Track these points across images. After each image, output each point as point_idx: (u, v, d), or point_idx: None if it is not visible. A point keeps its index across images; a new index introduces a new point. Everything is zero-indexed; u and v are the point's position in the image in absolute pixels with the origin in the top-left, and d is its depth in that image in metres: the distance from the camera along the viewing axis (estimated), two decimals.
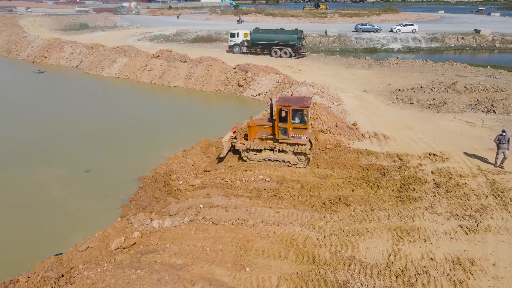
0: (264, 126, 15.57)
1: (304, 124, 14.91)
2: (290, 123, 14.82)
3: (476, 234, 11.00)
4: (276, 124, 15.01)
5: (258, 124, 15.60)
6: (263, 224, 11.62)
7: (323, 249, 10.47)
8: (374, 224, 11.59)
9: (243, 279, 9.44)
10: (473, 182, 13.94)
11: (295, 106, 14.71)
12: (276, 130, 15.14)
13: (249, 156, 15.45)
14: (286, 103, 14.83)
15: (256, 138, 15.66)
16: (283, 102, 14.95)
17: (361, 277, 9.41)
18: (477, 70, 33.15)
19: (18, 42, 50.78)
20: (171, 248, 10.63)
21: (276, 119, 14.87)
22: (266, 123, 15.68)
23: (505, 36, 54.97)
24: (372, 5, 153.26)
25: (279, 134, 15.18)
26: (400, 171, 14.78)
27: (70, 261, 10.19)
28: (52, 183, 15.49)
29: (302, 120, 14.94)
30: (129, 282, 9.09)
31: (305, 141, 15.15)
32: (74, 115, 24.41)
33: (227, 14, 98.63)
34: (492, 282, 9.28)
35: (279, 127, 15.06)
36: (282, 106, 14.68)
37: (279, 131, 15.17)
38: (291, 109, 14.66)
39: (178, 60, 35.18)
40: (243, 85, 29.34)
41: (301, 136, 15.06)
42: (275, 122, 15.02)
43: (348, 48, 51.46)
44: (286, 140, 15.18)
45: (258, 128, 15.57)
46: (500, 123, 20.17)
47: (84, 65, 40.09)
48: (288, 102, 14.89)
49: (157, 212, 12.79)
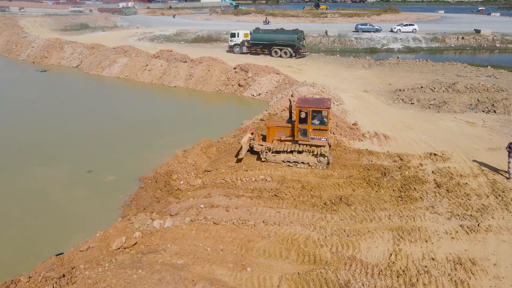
0: (283, 128, 15.44)
1: (324, 126, 14.85)
2: (310, 124, 14.75)
3: (477, 234, 11.00)
4: (296, 125, 14.91)
5: (277, 126, 15.48)
6: (264, 224, 11.62)
7: (324, 249, 10.48)
8: (375, 224, 11.59)
9: (244, 279, 9.44)
10: (474, 182, 13.94)
11: (316, 107, 14.66)
12: (296, 132, 15.04)
13: (268, 157, 15.27)
14: (306, 104, 14.75)
15: (275, 139, 15.54)
16: (303, 103, 14.86)
17: (362, 277, 9.41)
18: (477, 70, 33.14)
19: (19, 42, 50.79)
20: (172, 248, 10.64)
21: (296, 120, 14.77)
22: (284, 124, 15.56)
23: (505, 36, 54.95)
24: (372, 5, 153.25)
25: (299, 136, 15.09)
26: (401, 171, 14.78)
27: (71, 261, 10.20)
28: (52, 183, 15.50)
29: (322, 122, 14.90)
30: (130, 282, 9.09)
31: (325, 142, 15.09)
32: (74, 115, 24.42)
33: (227, 14, 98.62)
34: (493, 282, 9.28)
35: (299, 129, 14.98)
36: (302, 107, 14.60)
37: (299, 133, 15.08)
38: (311, 110, 14.58)
39: (178, 60, 35.19)
40: (243, 85, 29.35)
41: (320, 137, 14.98)
42: (295, 123, 14.90)
43: (349, 48, 51.46)
44: (305, 141, 15.08)
45: (276, 129, 15.45)
46: (500, 123, 20.17)
47: (85, 65, 40.10)
48: (308, 103, 14.81)
49: (158, 212, 12.80)
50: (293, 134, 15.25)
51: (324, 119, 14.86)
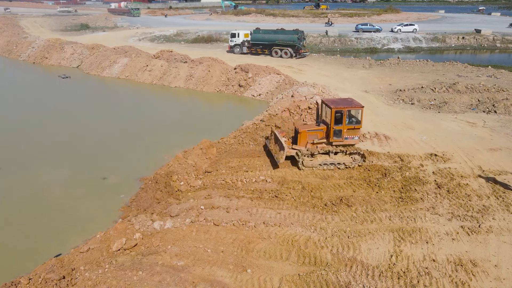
0: (314, 131, 15.43)
1: (358, 124, 15.03)
2: (345, 124, 14.86)
3: (478, 235, 10.97)
4: (331, 126, 14.94)
5: (309, 129, 15.46)
6: (265, 225, 11.60)
7: (324, 250, 10.46)
8: (376, 225, 11.57)
9: (245, 280, 9.43)
10: (475, 183, 13.91)
11: (351, 107, 14.82)
12: (331, 133, 15.07)
13: (305, 162, 15.11)
14: (341, 105, 14.83)
15: (308, 143, 15.51)
16: (337, 104, 14.92)
17: (363, 279, 9.39)
18: (478, 70, 33.10)
19: (19, 42, 50.81)
20: (173, 249, 10.62)
21: (332, 121, 14.82)
22: (315, 127, 15.55)
23: (505, 36, 54.89)
24: (372, 5, 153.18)
25: (333, 137, 15.14)
26: (402, 172, 14.76)
27: (71, 262, 10.18)
28: (53, 184, 15.49)
29: (356, 121, 15.05)
30: (131, 283, 9.08)
31: (357, 141, 15.34)
32: (74, 116, 24.41)
33: (228, 14, 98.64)
34: (494, 283, 9.25)
35: (334, 130, 15.02)
36: (338, 108, 14.65)
37: (334, 134, 15.11)
38: (346, 110, 14.69)
39: (178, 60, 35.17)
40: (243, 86, 29.33)
41: (353, 136, 15.19)
42: (330, 125, 14.92)
43: (349, 48, 51.42)
44: (339, 142, 15.15)
45: (308, 133, 15.43)
46: (501, 123, 20.14)
47: (85, 65, 40.11)
48: (341, 104, 14.90)
49: (158, 213, 12.78)
50: (327, 135, 15.28)
51: (359, 118, 15.02)
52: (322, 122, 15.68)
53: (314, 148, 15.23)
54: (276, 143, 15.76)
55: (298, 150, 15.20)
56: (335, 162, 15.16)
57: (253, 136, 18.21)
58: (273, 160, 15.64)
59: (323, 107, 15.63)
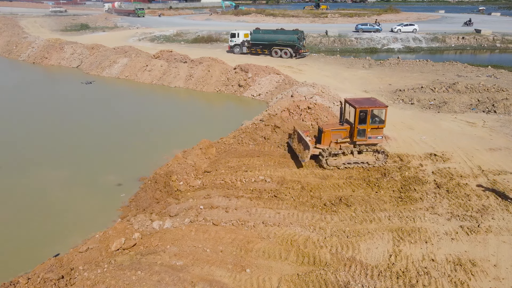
0: (338, 130, 15.51)
1: (382, 124, 15.10)
2: (369, 124, 14.94)
3: (477, 235, 10.97)
4: (355, 126, 15.02)
5: (333, 129, 15.55)
6: (264, 225, 11.60)
7: (323, 250, 10.45)
8: (375, 225, 11.57)
9: (244, 280, 9.42)
10: (474, 183, 13.91)
11: (375, 107, 14.91)
12: (355, 133, 15.13)
13: (329, 162, 15.20)
14: (365, 105, 14.92)
15: (332, 142, 15.57)
16: (361, 104, 15.00)
17: (362, 278, 9.39)
18: (477, 70, 33.10)
19: (19, 42, 50.79)
20: (172, 249, 10.61)
21: (356, 121, 14.91)
22: (339, 126, 15.63)
23: (505, 36, 54.87)
24: (372, 5, 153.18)
25: (357, 136, 15.20)
26: (401, 172, 14.76)
27: (70, 262, 10.17)
28: (52, 184, 15.48)
29: (380, 120, 15.13)
30: (130, 283, 9.07)
31: (381, 140, 15.36)
32: (74, 116, 24.41)
33: (228, 14, 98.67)
34: (494, 283, 9.25)
35: (358, 129, 15.08)
36: (362, 108, 14.74)
37: (357, 133, 15.18)
38: (370, 110, 14.77)
39: (178, 60, 35.17)
40: (243, 86, 29.33)
41: (377, 136, 15.25)
42: (355, 124, 14.99)
43: (349, 48, 51.42)
44: (363, 141, 15.23)
45: (332, 132, 15.51)
46: (501, 123, 20.14)
47: (85, 65, 40.10)
48: (365, 104, 15.00)
49: (158, 213, 12.78)
50: (351, 135, 15.34)
51: (382, 117, 15.10)
52: (346, 122, 15.77)
53: (338, 147, 15.39)
54: (300, 142, 15.82)
55: (322, 150, 15.30)
56: (359, 161, 15.28)
57: (252, 136, 18.19)
58: (296, 159, 15.72)
59: (347, 107, 15.72)
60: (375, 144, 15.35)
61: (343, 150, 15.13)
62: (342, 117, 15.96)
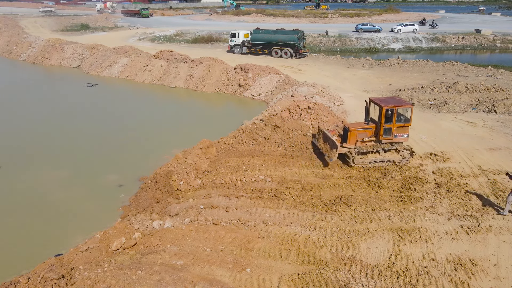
0: (364, 129, 15.60)
1: (408, 122, 15.24)
2: (395, 122, 15.06)
3: (477, 235, 10.97)
4: (381, 125, 15.12)
5: (359, 128, 15.64)
6: (264, 225, 11.60)
7: (324, 249, 10.46)
8: (375, 224, 11.57)
9: (244, 279, 9.42)
10: (474, 182, 13.91)
11: (401, 105, 15.06)
12: (381, 131, 15.23)
13: (356, 160, 15.29)
14: (390, 103, 15.05)
15: (358, 141, 15.64)
16: (387, 103, 15.13)
17: (362, 278, 9.39)
18: (478, 70, 33.08)
19: (19, 42, 50.80)
20: (172, 248, 10.62)
21: (382, 120, 15.03)
22: (365, 125, 15.73)
23: (506, 36, 54.86)
24: (372, 5, 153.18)
25: (383, 135, 15.31)
26: (401, 171, 14.77)
27: (70, 261, 10.18)
28: (52, 184, 15.50)
29: (405, 119, 15.27)
30: (130, 283, 9.07)
31: (407, 138, 15.48)
32: (75, 116, 24.42)
33: (228, 14, 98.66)
34: (494, 282, 9.25)
35: (384, 128, 15.17)
36: (388, 106, 14.86)
37: (384, 132, 15.28)
38: (397, 108, 14.88)
39: (178, 60, 35.17)
40: (243, 86, 29.33)
41: (402, 134, 15.39)
42: (381, 123, 15.10)
43: (349, 48, 51.41)
44: (389, 139, 15.36)
45: (358, 131, 15.59)
46: (501, 123, 20.13)
47: (85, 65, 40.11)
48: (391, 103, 15.13)
49: (158, 213, 12.78)
50: (377, 134, 15.45)
51: (408, 116, 15.24)
52: (371, 121, 15.84)
53: (364, 145, 15.47)
54: (326, 141, 15.88)
55: (349, 149, 15.41)
56: (385, 160, 15.37)
57: (252, 136, 18.20)
58: (322, 158, 15.79)
59: (371, 106, 15.82)
60: (401, 142, 15.50)
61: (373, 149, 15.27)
62: (367, 116, 16.06)
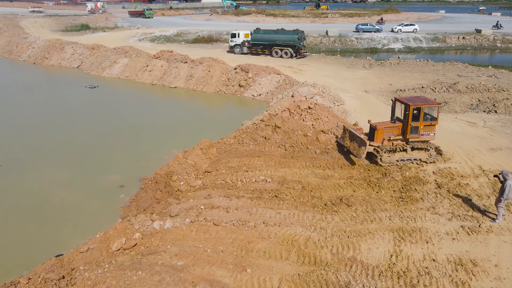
0: (391, 128, 15.73)
1: (435, 121, 15.35)
2: (422, 121, 15.19)
3: (478, 235, 10.95)
4: (409, 123, 15.23)
5: (386, 126, 15.76)
6: (264, 225, 11.59)
7: (324, 250, 10.44)
8: (376, 225, 11.56)
9: (244, 280, 9.41)
10: (475, 183, 13.90)
11: (428, 104, 15.19)
12: (408, 130, 15.35)
13: (383, 158, 15.38)
14: (417, 102, 15.17)
15: (384, 139, 15.73)
16: (414, 101, 15.26)
17: (362, 278, 9.38)
18: (478, 70, 33.06)
19: (19, 43, 50.83)
20: (172, 249, 10.61)
21: (409, 118, 15.15)
22: (392, 124, 15.85)
23: (506, 36, 54.86)
24: (373, 5, 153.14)
25: (410, 133, 15.42)
26: (402, 172, 14.75)
27: (71, 262, 10.17)
28: (53, 184, 15.49)
29: (431, 118, 15.38)
30: (130, 283, 9.06)
31: (433, 137, 15.58)
32: (75, 116, 24.41)
33: (228, 14, 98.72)
34: (495, 283, 9.23)
35: (411, 126, 15.28)
36: (416, 105, 14.99)
37: (410, 130, 15.39)
38: (424, 107, 15.01)
39: (179, 60, 35.18)
40: (244, 86, 29.32)
41: (429, 133, 15.51)
42: (408, 121, 15.21)
43: (349, 48, 51.41)
44: (416, 138, 15.47)
45: (385, 130, 15.71)
46: (501, 123, 20.11)
47: (85, 66, 40.13)
48: (418, 102, 15.24)
49: (158, 213, 12.77)
50: (403, 132, 15.55)
51: (435, 115, 15.37)
52: (397, 119, 15.93)
53: (390, 144, 15.57)
54: (353, 140, 15.95)
55: (376, 147, 15.52)
56: (412, 158, 15.47)
57: (253, 136, 18.18)
58: (348, 158, 15.91)
59: (397, 105, 15.93)
60: (427, 141, 15.59)
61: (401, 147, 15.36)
62: (393, 115, 16.15)
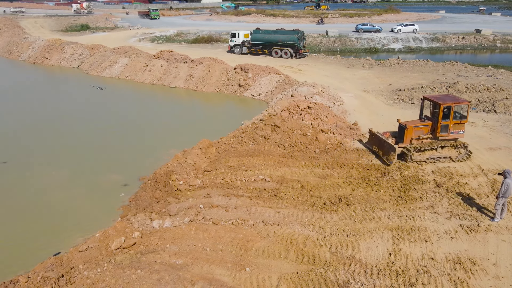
0: (420, 126, 15.84)
1: (465, 119, 15.47)
2: (452, 119, 15.29)
3: (476, 234, 10.97)
4: (439, 122, 15.34)
5: (415, 125, 15.88)
6: (264, 224, 11.61)
7: (323, 249, 10.46)
8: (375, 223, 11.57)
9: (243, 279, 9.42)
10: (474, 182, 13.92)
11: (459, 102, 15.33)
12: (438, 128, 15.45)
13: (413, 157, 15.47)
14: (447, 101, 15.29)
15: (414, 138, 15.82)
16: (444, 100, 15.38)
17: (361, 277, 9.39)
18: (478, 70, 33.08)
19: (19, 43, 50.84)
20: (171, 248, 10.62)
21: (440, 117, 15.26)
22: (421, 123, 15.96)
23: (506, 36, 54.87)
24: (373, 5, 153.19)
25: (440, 132, 15.52)
26: (401, 171, 14.77)
27: (70, 261, 10.19)
28: (52, 184, 15.51)
29: (461, 116, 15.50)
30: (129, 282, 9.08)
31: (463, 135, 15.71)
32: (75, 116, 24.44)
33: (228, 14, 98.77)
34: (493, 281, 9.25)
35: (442, 125, 15.37)
36: (446, 104, 15.09)
37: (440, 129, 15.48)
38: (454, 106, 15.13)
39: (178, 60, 35.20)
40: (243, 86, 29.35)
41: (459, 131, 15.62)
42: (438, 120, 15.32)
43: (349, 48, 51.43)
44: (446, 136, 15.58)
45: (415, 129, 15.82)
46: (501, 122, 20.13)
47: (85, 66, 40.15)
48: (448, 100, 15.36)
49: (157, 212, 12.79)
50: (433, 131, 15.67)
51: (464, 113, 15.51)
52: (426, 118, 16.02)
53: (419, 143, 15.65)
54: (381, 145, 16.06)
55: (405, 146, 15.67)
56: (441, 156, 15.54)
57: (252, 136, 18.21)
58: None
59: (426, 104, 16.07)
60: (457, 139, 15.69)
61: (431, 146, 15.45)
62: (422, 114, 16.24)
